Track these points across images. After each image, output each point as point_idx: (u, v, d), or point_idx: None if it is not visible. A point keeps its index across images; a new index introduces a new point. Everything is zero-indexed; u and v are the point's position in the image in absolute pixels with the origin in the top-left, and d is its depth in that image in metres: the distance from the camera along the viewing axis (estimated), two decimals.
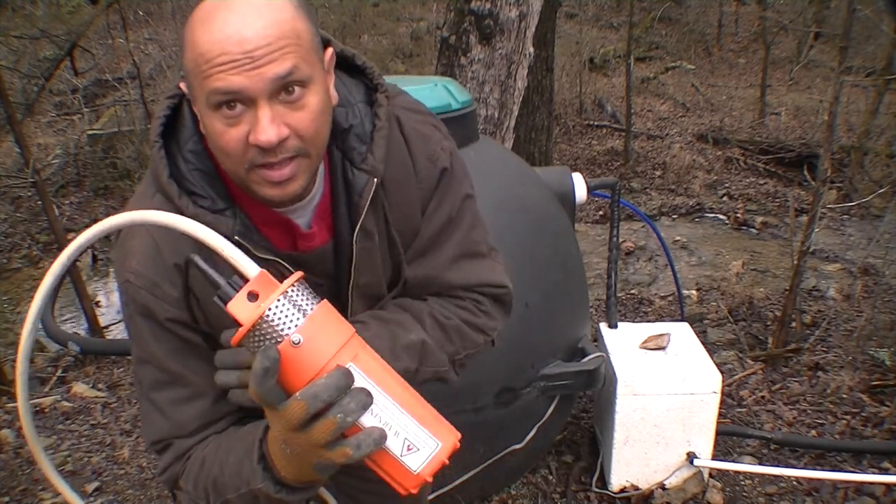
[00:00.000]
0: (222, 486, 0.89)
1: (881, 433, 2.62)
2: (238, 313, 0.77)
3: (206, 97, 0.83)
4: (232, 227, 0.92)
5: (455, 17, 3.05)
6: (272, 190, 0.88)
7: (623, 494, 2.30)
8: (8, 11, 5.51)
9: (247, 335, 0.77)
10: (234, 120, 0.83)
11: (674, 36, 11.43)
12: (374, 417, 0.77)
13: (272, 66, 0.81)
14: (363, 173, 0.98)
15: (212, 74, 0.81)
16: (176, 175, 0.92)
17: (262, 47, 0.80)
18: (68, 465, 2.64)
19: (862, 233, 5.32)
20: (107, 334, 3.83)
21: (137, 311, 0.94)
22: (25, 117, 4.72)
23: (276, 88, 0.82)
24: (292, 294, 0.77)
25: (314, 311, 0.77)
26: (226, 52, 0.80)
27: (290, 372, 0.76)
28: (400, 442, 0.78)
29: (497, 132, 3.13)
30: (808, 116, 7.80)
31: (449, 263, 1.09)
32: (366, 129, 0.99)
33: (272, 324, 0.75)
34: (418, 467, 0.78)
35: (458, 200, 1.09)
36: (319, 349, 0.76)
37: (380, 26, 11.16)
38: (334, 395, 0.73)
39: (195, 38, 0.82)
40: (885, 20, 5.76)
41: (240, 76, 0.80)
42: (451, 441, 0.80)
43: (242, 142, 0.84)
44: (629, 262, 4.96)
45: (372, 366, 0.78)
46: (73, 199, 6.16)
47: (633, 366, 2.24)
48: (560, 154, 6.94)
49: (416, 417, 0.78)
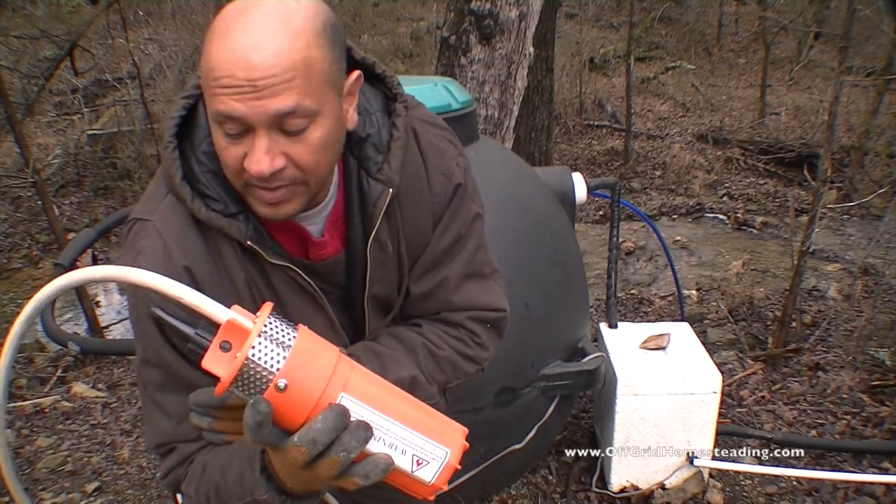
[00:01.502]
0: (224, 494, 0.88)
1: (881, 433, 2.62)
2: (214, 369, 0.72)
3: (211, 112, 0.83)
4: (244, 231, 0.91)
5: (455, 17, 3.05)
6: (265, 209, 0.88)
7: (623, 494, 2.30)
8: (8, 11, 5.50)
9: (230, 388, 0.72)
10: (235, 139, 0.83)
11: (674, 36, 11.43)
12: (378, 442, 0.75)
13: (274, 100, 0.79)
14: (378, 183, 0.97)
15: (217, 94, 0.80)
16: (189, 177, 0.91)
17: (268, 77, 0.78)
18: (68, 465, 2.64)
19: (862, 233, 5.32)
20: (107, 334, 3.83)
21: (145, 314, 0.92)
22: (25, 117, 4.72)
23: (276, 121, 0.81)
24: (268, 331, 0.72)
25: (294, 345, 0.72)
26: (231, 76, 0.78)
27: (283, 415, 0.72)
28: (409, 459, 0.76)
29: (497, 132, 3.13)
30: (808, 116, 7.80)
31: (454, 282, 1.09)
32: (382, 139, 0.98)
33: (254, 370, 0.71)
34: (432, 478, 0.77)
35: (469, 219, 1.09)
36: (308, 387, 0.72)
37: (380, 26, 11.16)
38: (332, 436, 0.71)
39: (209, 50, 0.81)
40: (885, 20, 5.76)
41: (241, 104, 0.79)
42: (458, 444, 0.78)
43: (239, 161, 0.84)
44: (629, 262, 4.96)
45: (365, 389, 0.75)
46: (73, 199, 6.15)
47: (633, 366, 2.24)
48: (560, 154, 6.94)
49: (421, 431, 0.76)
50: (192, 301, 0.74)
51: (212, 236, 0.93)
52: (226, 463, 0.89)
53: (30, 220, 5.64)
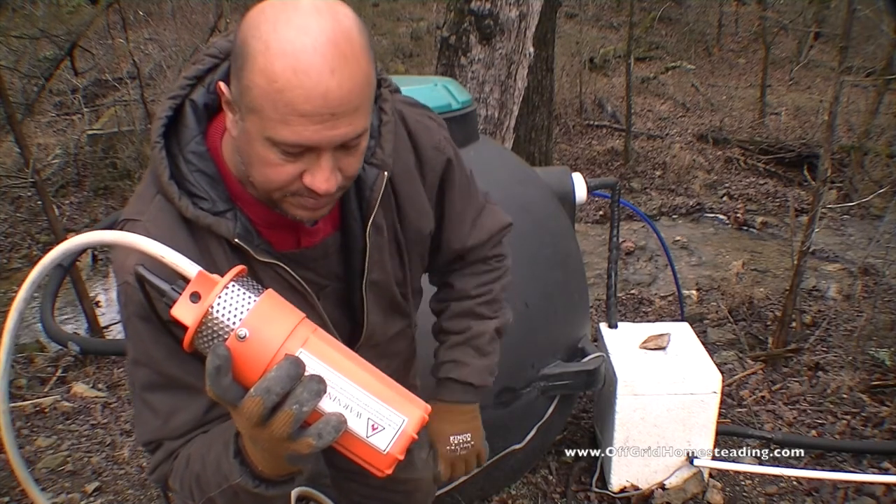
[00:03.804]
0: (205, 483, 0.89)
1: (881, 433, 2.62)
2: (182, 316, 0.76)
3: (270, 135, 0.80)
4: (232, 229, 0.92)
5: (455, 17, 3.05)
6: (305, 213, 0.90)
7: (623, 494, 2.30)
8: (8, 11, 5.50)
9: (195, 337, 0.76)
10: (292, 158, 0.82)
11: (674, 36, 11.44)
12: (333, 402, 0.76)
13: (349, 127, 0.80)
14: (373, 168, 0.99)
15: (288, 121, 0.78)
16: (177, 176, 0.92)
17: (344, 105, 0.78)
18: (68, 465, 2.64)
19: (862, 233, 5.32)
20: (107, 334, 3.83)
21: (135, 313, 0.93)
22: (25, 117, 4.72)
23: (344, 143, 0.83)
24: (234, 288, 0.76)
25: (258, 301, 0.76)
26: (309, 102, 0.77)
27: (242, 367, 0.75)
28: (363, 423, 0.76)
29: (497, 132, 3.13)
30: (808, 116, 7.81)
31: (470, 230, 1.21)
32: (374, 123, 1.00)
33: (217, 321, 0.75)
34: (387, 446, 0.77)
35: (464, 177, 1.18)
36: (267, 339, 0.74)
37: (380, 26, 11.15)
38: (287, 386, 0.72)
39: (272, 66, 0.77)
40: (885, 20, 5.76)
41: (318, 134, 0.79)
42: (417, 415, 0.78)
43: (293, 177, 0.84)
44: (629, 262, 4.97)
45: (324, 349, 0.77)
46: (73, 199, 6.16)
47: (633, 366, 2.24)
48: (560, 154, 6.94)
49: (378, 395, 0.77)
50: (172, 260, 0.81)
51: (201, 235, 0.94)
52: (205, 452, 0.90)
53: (30, 220, 5.65)
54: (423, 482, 1.46)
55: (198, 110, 0.94)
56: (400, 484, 1.40)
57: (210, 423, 0.96)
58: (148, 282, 0.81)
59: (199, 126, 0.93)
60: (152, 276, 0.80)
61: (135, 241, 0.82)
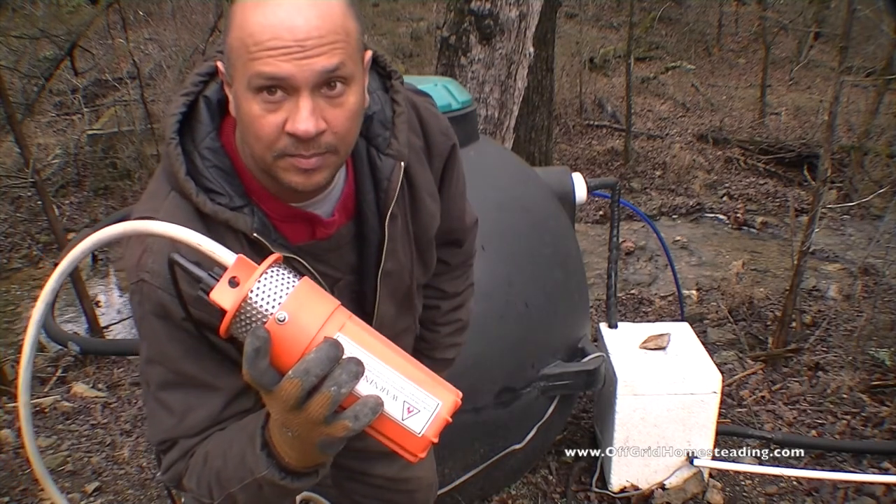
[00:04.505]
0: (226, 479, 0.89)
1: (881, 433, 2.62)
2: (221, 300, 0.77)
3: (249, 79, 0.82)
4: (250, 223, 0.92)
5: (455, 17, 3.05)
6: (298, 177, 0.88)
7: (623, 494, 2.30)
8: (8, 11, 5.51)
9: (233, 321, 0.76)
10: (274, 106, 0.83)
11: (674, 36, 11.44)
12: (369, 385, 0.76)
13: (321, 58, 0.81)
14: (390, 158, 1.00)
15: (260, 58, 0.81)
16: (192, 172, 0.92)
17: (314, 38, 0.81)
18: (68, 465, 2.64)
19: (862, 233, 5.32)
20: (107, 334, 3.83)
21: (152, 311, 0.92)
22: (25, 117, 4.72)
23: (321, 81, 0.83)
24: (272, 274, 0.77)
25: (296, 286, 0.77)
26: (277, 37, 0.80)
27: (280, 351, 0.75)
28: (399, 406, 0.77)
29: (497, 132, 3.13)
30: (808, 116, 7.81)
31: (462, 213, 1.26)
32: (387, 115, 1.02)
33: (256, 305, 0.75)
34: (422, 429, 0.77)
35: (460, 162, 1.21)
36: (306, 323, 0.75)
37: (380, 26, 11.15)
38: (326, 368, 0.72)
39: (245, 18, 0.82)
40: (885, 20, 5.76)
41: (289, 63, 0.80)
42: (451, 399, 0.79)
43: (278, 128, 0.84)
44: (629, 262, 4.97)
45: (360, 334, 0.78)
46: (73, 199, 6.16)
47: (633, 366, 2.24)
48: (560, 154, 6.94)
49: (413, 379, 0.78)
50: (209, 248, 0.81)
51: (218, 231, 0.93)
52: (227, 448, 0.90)
53: (30, 220, 5.65)
54: (423, 481, 1.46)
55: (211, 106, 0.94)
56: (401, 483, 1.40)
57: (226, 421, 0.96)
58: (183, 268, 0.80)
59: (213, 122, 0.94)
60: (188, 264, 0.80)
61: (170, 231, 0.81)
